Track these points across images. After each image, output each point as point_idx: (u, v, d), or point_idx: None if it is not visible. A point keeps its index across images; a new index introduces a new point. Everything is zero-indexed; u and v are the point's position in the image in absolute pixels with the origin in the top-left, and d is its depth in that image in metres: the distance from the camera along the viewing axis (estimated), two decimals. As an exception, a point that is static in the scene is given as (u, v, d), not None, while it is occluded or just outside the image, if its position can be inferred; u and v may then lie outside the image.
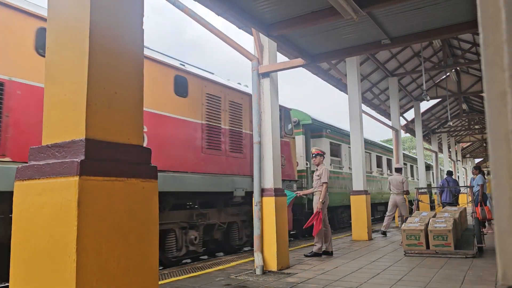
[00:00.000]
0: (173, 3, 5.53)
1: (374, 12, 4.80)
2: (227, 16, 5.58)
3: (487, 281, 4.37)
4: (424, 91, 11.80)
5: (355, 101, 9.11)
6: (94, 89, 2.06)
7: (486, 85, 0.59)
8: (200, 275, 5.19)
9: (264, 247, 5.55)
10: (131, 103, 2.26)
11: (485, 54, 0.59)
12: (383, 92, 14.92)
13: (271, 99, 5.84)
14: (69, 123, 2.06)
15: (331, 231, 6.85)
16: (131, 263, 2.08)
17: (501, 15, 0.57)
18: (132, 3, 2.33)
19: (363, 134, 9.19)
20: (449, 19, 5.09)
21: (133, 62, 2.30)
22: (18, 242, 2.06)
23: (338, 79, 11.66)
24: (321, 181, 6.57)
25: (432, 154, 22.13)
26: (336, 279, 4.72)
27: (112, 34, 2.19)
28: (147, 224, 2.19)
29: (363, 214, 8.65)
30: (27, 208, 2.04)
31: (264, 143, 5.76)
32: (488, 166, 26.72)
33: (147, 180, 2.21)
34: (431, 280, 4.52)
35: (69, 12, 2.17)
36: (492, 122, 0.58)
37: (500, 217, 0.56)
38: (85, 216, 1.88)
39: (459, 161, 30.69)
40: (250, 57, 5.89)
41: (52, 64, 2.21)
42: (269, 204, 5.55)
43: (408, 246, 6.42)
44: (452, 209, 6.99)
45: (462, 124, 23.33)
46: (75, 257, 1.82)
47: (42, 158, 2.09)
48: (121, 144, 2.16)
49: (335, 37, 5.48)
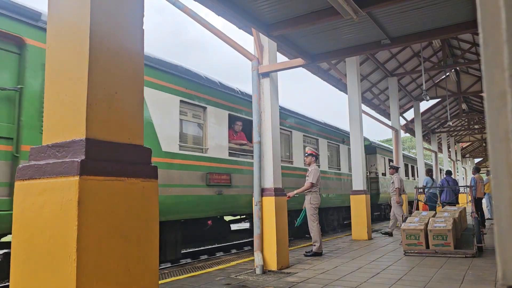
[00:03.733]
0: (173, 3, 5.53)
1: (374, 12, 4.80)
2: (227, 16, 5.57)
3: (487, 281, 4.38)
4: (424, 91, 11.80)
5: (355, 101, 9.11)
6: (94, 89, 2.06)
7: (486, 85, 0.59)
8: (200, 274, 5.19)
9: (264, 247, 5.55)
10: (131, 103, 2.26)
11: (485, 54, 0.59)
12: (382, 92, 14.93)
13: (271, 99, 5.84)
14: (70, 123, 2.06)
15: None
16: (131, 263, 2.08)
17: (501, 15, 0.57)
18: (132, 3, 2.33)
19: (363, 134, 9.19)
20: (449, 19, 5.09)
21: (134, 62, 2.31)
22: (18, 242, 2.06)
23: (338, 79, 11.66)
24: (307, 180, 6.76)
25: (431, 154, 22.14)
26: (336, 279, 4.72)
27: (113, 34, 2.19)
28: (147, 224, 2.19)
29: (363, 213, 8.67)
30: (27, 208, 2.05)
31: (264, 143, 5.77)
32: (488, 166, 26.81)
33: (148, 180, 2.21)
34: (431, 280, 4.52)
35: (69, 12, 2.17)
36: (492, 122, 0.58)
37: (500, 217, 0.56)
38: (86, 216, 1.88)
39: (459, 161, 30.70)
40: (250, 57, 5.89)
41: (52, 64, 2.21)
42: (269, 203, 5.55)
43: (408, 246, 6.42)
44: (452, 209, 7.00)
45: (462, 124, 23.35)
46: (76, 256, 1.82)
47: (42, 158, 2.09)
48: (122, 144, 2.16)
49: (335, 37, 5.48)
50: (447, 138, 25.00)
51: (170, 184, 5.98)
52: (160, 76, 6.10)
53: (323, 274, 5.04)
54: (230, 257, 6.83)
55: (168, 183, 5.94)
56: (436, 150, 21.74)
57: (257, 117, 5.73)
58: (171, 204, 5.95)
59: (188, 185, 6.31)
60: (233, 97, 7.73)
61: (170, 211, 5.92)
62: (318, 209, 6.75)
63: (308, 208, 6.75)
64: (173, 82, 6.33)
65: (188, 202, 6.31)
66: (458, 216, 6.61)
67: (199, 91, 6.85)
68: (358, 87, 9.17)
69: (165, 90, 6.15)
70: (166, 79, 6.21)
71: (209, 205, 6.77)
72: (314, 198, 6.71)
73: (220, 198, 6.99)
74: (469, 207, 8.91)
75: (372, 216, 13.64)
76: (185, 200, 6.23)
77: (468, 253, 6.03)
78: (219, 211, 7.13)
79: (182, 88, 6.49)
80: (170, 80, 6.27)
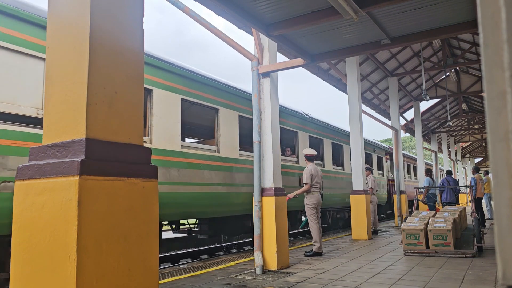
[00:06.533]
0: (173, 2, 5.53)
1: (374, 12, 4.80)
2: (227, 16, 5.57)
3: (487, 281, 4.38)
4: (424, 91, 11.80)
5: (355, 101, 9.11)
6: (94, 89, 2.06)
7: (486, 85, 0.59)
8: (200, 274, 5.19)
9: (264, 247, 5.55)
10: (132, 103, 2.26)
11: (485, 54, 0.59)
12: (382, 92, 14.93)
13: (271, 99, 5.84)
14: (70, 122, 2.06)
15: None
16: (131, 263, 2.08)
17: (501, 15, 0.57)
18: (132, 3, 2.33)
19: (363, 134, 9.20)
20: (449, 19, 5.09)
21: (133, 61, 2.31)
22: (19, 241, 2.06)
23: (338, 79, 11.66)
24: (302, 181, 6.89)
25: (431, 153, 22.14)
26: (336, 279, 4.72)
27: (113, 33, 2.19)
28: (147, 224, 2.19)
29: (363, 213, 8.67)
30: (27, 207, 2.05)
31: (264, 143, 5.77)
32: (488, 165, 26.76)
33: (148, 180, 2.22)
34: (431, 280, 4.52)
35: (69, 12, 2.17)
36: (492, 122, 0.58)
37: (500, 216, 0.56)
38: (86, 216, 1.88)
39: (459, 161, 30.70)
40: (250, 56, 5.89)
41: (52, 64, 2.21)
42: (269, 203, 5.56)
43: (407, 246, 6.43)
44: (452, 209, 7.00)
45: (462, 124, 23.34)
46: (76, 256, 1.82)
47: (42, 157, 2.09)
48: (122, 143, 2.16)
49: (335, 37, 5.48)
50: (447, 138, 25.00)
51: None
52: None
53: (323, 274, 5.04)
54: (230, 257, 6.84)
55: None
56: (436, 150, 21.73)
57: (257, 117, 5.73)
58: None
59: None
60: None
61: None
62: (316, 208, 6.74)
63: (306, 208, 6.80)
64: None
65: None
66: (458, 216, 6.61)
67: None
68: (358, 87, 9.17)
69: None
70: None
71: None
72: (310, 198, 6.73)
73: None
74: (469, 207, 8.91)
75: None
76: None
77: (468, 253, 6.03)
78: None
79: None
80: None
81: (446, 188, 9.95)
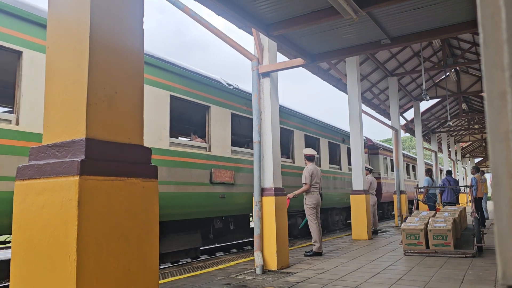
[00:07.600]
0: (173, 2, 5.52)
1: (374, 12, 4.80)
2: (227, 16, 5.57)
3: (487, 281, 4.38)
4: (424, 91, 11.80)
5: (355, 100, 9.11)
6: (94, 89, 2.05)
7: (486, 85, 0.59)
8: (200, 274, 5.19)
9: (264, 247, 5.55)
10: (131, 103, 2.26)
11: (485, 54, 0.59)
12: (382, 92, 14.93)
13: (271, 99, 5.84)
14: (70, 122, 2.06)
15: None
16: (131, 263, 2.08)
17: (501, 15, 0.57)
18: (132, 3, 2.33)
19: (363, 134, 9.19)
20: (449, 19, 5.09)
21: (133, 61, 2.30)
22: (18, 242, 2.06)
23: (338, 79, 11.66)
24: (302, 181, 6.90)
25: (431, 153, 22.14)
26: (336, 278, 4.72)
27: (113, 33, 2.18)
28: (147, 224, 2.19)
29: (363, 213, 8.67)
30: (27, 207, 2.04)
31: (264, 143, 5.77)
32: (488, 165, 26.68)
33: (148, 180, 2.21)
34: (431, 280, 4.52)
35: (69, 12, 2.17)
36: (492, 122, 0.58)
37: (500, 217, 0.56)
38: (86, 216, 1.88)
39: (459, 161, 30.70)
40: (250, 56, 5.89)
41: (52, 64, 2.21)
42: (269, 203, 5.56)
43: (407, 246, 6.43)
44: (452, 209, 7.00)
45: (462, 124, 23.34)
46: (76, 256, 1.82)
47: (42, 157, 2.09)
48: (122, 143, 2.16)
49: (335, 37, 5.48)
50: (447, 138, 25.00)
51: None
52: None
53: (323, 274, 5.04)
54: (230, 256, 6.84)
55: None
56: (436, 150, 21.74)
57: (257, 117, 5.73)
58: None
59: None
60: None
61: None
62: (315, 208, 6.73)
63: (305, 208, 6.81)
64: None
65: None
66: (458, 216, 6.61)
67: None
68: (358, 87, 9.17)
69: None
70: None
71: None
72: (309, 198, 6.73)
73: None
74: (469, 207, 8.92)
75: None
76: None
77: (468, 253, 6.03)
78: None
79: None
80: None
81: (447, 188, 9.95)
